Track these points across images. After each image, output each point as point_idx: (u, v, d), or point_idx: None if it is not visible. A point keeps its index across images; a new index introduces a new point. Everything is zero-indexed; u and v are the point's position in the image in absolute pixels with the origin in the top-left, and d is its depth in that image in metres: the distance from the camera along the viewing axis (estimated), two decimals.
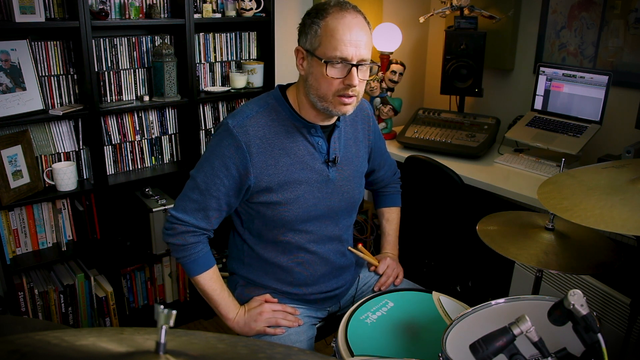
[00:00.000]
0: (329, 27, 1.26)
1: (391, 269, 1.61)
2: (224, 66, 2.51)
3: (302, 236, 1.44)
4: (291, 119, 1.38)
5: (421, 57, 3.41)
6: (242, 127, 1.34)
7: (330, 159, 1.43)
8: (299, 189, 1.39)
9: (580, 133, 2.36)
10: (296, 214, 1.40)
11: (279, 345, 0.59)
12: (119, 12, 2.15)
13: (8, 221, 2.08)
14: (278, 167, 1.36)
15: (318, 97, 1.31)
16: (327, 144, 1.43)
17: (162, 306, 0.51)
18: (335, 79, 1.27)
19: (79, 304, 2.25)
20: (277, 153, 1.36)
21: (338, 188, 1.46)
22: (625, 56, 2.45)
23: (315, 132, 1.40)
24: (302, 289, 1.50)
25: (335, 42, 1.24)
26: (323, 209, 1.44)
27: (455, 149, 2.54)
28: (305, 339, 1.45)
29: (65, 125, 2.14)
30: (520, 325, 0.87)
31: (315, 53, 1.28)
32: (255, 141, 1.34)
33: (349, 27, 1.25)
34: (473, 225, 1.55)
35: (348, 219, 1.55)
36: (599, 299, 1.84)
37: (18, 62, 1.96)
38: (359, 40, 1.25)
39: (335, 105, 1.30)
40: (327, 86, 1.28)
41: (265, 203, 1.39)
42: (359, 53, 1.26)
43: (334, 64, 1.25)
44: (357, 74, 1.26)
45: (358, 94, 1.31)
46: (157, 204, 2.34)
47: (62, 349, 0.49)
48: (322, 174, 1.42)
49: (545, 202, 1.28)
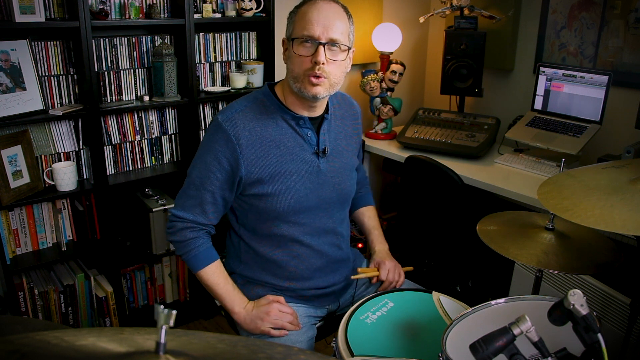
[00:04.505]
0: (301, 12, 1.36)
1: (392, 273, 1.60)
2: (224, 66, 2.51)
3: (295, 228, 1.46)
4: (279, 111, 1.43)
5: (421, 57, 3.41)
6: (231, 120, 1.39)
7: (320, 149, 1.46)
8: (290, 180, 1.42)
9: (580, 133, 2.36)
10: (288, 204, 1.42)
11: (279, 345, 0.59)
12: (119, 12, 2.15)
13: (8, 221, 2.08)
14: (268, 158, 1.40)
15: (293, 78, 1.37)
16: (316, 136, 1.46)
17: (162, 306, 0.51)
18: (303, 56, 1.33)
19: (79, 304, 2.25)
20: (266, 145, 1.40)
21: (329, 179, 1.48)
22: (625, 56, 2.45)
23: (303, 123, 1.44)
24: (298, 284, 1.50)
25: (304, 22, 1.33)
26: (315, 200, 1.46)
27: (455, 149, 2.54)
28: (305, 340, 1.45)
29: (65, 125, 2.14)
30: (520, 325, 0.87)
31: (290, 37, 1.37)
32: (245, 133, 1.38)
33: (317, 9, 1.33)
34: (473, 225, 1.55)
35: (341, 211, 1.57)
36: (599, 299, 1.84)
37: (18, 62, 1.96)
38: (328, 22, 1.32)
39: (306, 85, 1.35)
40: (298, 65, 1.34)
41: (257, 195, 1.41)
42: (328, 34, 1.32)
43: (303, 42, 1.33)
44: (324, 52, 1.31)
45: (329, 76, 1.35)
46: (157, 204, 2.34)
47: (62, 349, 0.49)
48: (312, 165, 1.45)
49: (545, 202, 1.28)
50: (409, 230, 2.64)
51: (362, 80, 2.86)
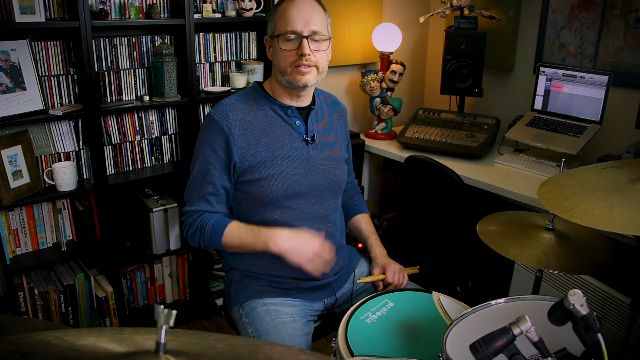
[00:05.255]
0: (280, 10, 1.45)
1: (398, 275, 1.59)
2: (224, 66, 2.52)
3: (288, 213, 1.50)
4: (268, 103, 1.52)
5: (421, 57, 3.41)
6: (222, 112, 1.47)
7: (309, 137, 1.53)
8: (281, 165, 1.48)
9: (580, 133, 2.36)
10: (280, 189, 1.47)
11: (279, 345, 0.59)
12: (119, 12, 2.15)
13: (8, 221, 2.08)
14: (259, 146, 1.47)
15: (280, 72, 1.46)
16: (304, 125, 1.54)
17: (162, 306, 0.51)
18: (289, 50, 1.43)
19: (79, 304, 2.25)
20: (257, 134, 1.48)
21: (319, 166, 1.54)
22: (625, 56, 2.45)
23: (292, 113, 1.52)
24: (293, 273, 1.49)
25: (286, 19, 1.43)
26: (306, 185, 1.51)
27: (455, 149, 2.54)
28: (301, 334, 1.45)
29: (65, 125, 2.14)
30: (520, 325, 0.87)
31: (273, 34, 1.47)
32: (236, 124, 1.46)
33: (297, 6, 1.43)
34: (473, 225, 1.55)
35: (333, 200, 1.60)
36: (599, 299, 1.84)
37: (18, 62, 1.96)
38: (307, 16, 1.42)
39: (294, 75, 1.44)
40: (284, 59, 1.44)
41: (250, 181, 1.47)
42: (309, 27, 1.42)
43: (287, 37, 1.42)
44: (308, 44, 1.41)
45: (317, 64, 1.44)
46: (157, 204, 2.34)
47: (62, 349, 0.49)
48: (302, 151, 1.52)
49: (545, 202, 1.28)
50: (409, 230, 2.64)
51: (362, 80, 2.86)
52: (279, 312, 1.48)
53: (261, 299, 1.51)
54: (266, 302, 1.50)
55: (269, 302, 1.50)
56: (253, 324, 1.48)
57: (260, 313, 1.48)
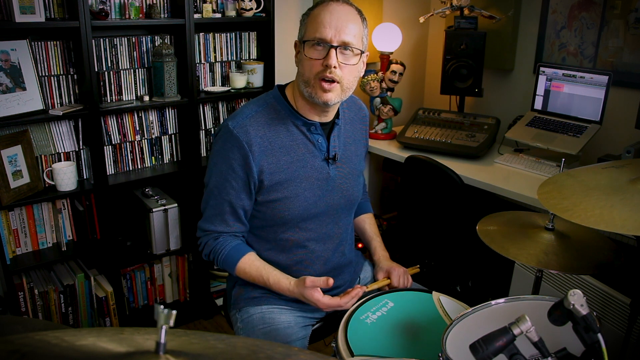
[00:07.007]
0: (313, 14, 1.33)
1: (402, 278, 1.58)
2: (224, 66, 2.51)
3: (302, 234, 1.45)
4: (291, 117, 1.41)
5: (421, 57, 3.41)
6: (242, 127, 1.36)
7: (330, 156, 1.44)
8: (300, 187, 1.41)
9: (580, 133, 2.36)
10: (297, 211, 1.41)
11: (279, 345, 0.59)
12: (119, 12, 2.15)
13: (8, 221, 2.08)
14: (279, 165, 1.38)
15: (303, 83, 1.34)
16: (326, 142, 1.44)
17: (162, 306, 0.51)
18: (314, 59, 1.31)
19: (79, 304, 2.25)
20: (277, 152, 1.38)
21: (338, 186, 1.47)
22: (625, 56, 2.45)
23: (315, 129, 1.42)
24: None
25: (316, 24, 1.30)
26: (323, 207, 1.45)
27: (455, 149, 2.54)
28: (295, 339, 1.44)
29: (65, 125, 2.14)
30: (520, 325, 0.87)
31: (302, 39, 1.35)
32: (256, 140, 1.36)
33: (330, 12, 1.30)
34: (473, 225, 1.54)
35: (347, 217, 1.56)
36: (599, 299, 1.84)
37: (18, 62, 1.96)
38: (340, 24, 1.29)
39: (317, 90, 1.32)
40: (309, 68, 1.32)
41: (266, 202, 1.40)
42: (340, 37, 1.29)
43: (314, 44, 1.30)
44: (335, 55, 1.29)
45: (341, 80, 1.32)
46: (157, 203, 2.34)
47: (62, 349, 0.49)
48: (322, 172, 1.44)
49: (545, 202, 1.28)
50: (409, 230, 2.64)
51: (362, 80, 2.86)
52: (274, 319, 1.46)
53: (259, 306, 1.49)
54: (264, 309, 1.48)
55: (266, 310, 1.48)
56: (245, 330, 1.48)
57: (255, 320, 1.47)
